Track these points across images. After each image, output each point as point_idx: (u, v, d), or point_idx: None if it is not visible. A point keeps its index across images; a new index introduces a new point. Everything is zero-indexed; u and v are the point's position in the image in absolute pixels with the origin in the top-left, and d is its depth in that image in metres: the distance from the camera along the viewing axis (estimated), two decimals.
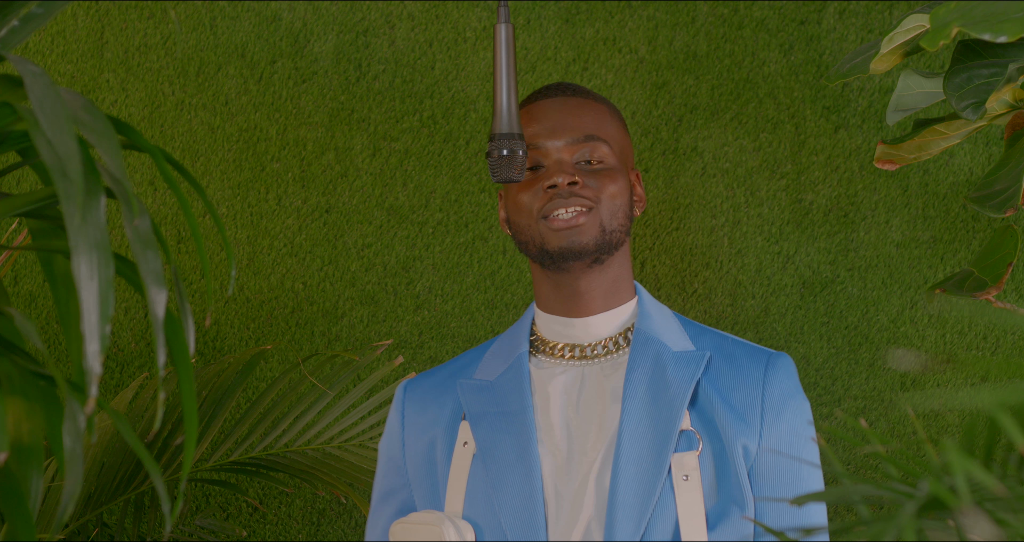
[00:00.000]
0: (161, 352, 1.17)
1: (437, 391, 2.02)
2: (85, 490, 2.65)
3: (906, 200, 2.99)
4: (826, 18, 3.03)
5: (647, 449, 1.86)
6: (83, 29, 3.10)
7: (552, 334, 1.99)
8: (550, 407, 1.94)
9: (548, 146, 1.95)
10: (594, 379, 1.94)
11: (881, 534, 0.98)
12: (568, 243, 1.92)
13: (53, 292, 1.32)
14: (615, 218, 1.94)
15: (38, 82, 1.16)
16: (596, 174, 1.95)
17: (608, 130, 1.99)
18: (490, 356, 2.02)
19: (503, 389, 1.96)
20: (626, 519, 1.83)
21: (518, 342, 2.00)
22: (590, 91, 2.03)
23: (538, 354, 1.99)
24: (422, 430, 2.01)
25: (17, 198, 1.31)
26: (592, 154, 1.96)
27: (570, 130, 1.96)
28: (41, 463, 1.26)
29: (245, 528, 3.02)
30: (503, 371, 1.98)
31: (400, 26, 3.08)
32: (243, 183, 3.08)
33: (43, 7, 1.36)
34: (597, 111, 2.00)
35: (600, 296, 1.97)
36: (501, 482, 1.89)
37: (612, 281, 1.98)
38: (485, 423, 1.94)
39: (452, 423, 1.98)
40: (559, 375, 1.96)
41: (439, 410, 2.00)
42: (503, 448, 1.92)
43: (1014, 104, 2.15)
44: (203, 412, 2.70)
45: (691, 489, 1.85)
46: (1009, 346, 2.97)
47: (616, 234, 1.95)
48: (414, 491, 1.99)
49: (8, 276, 3.07)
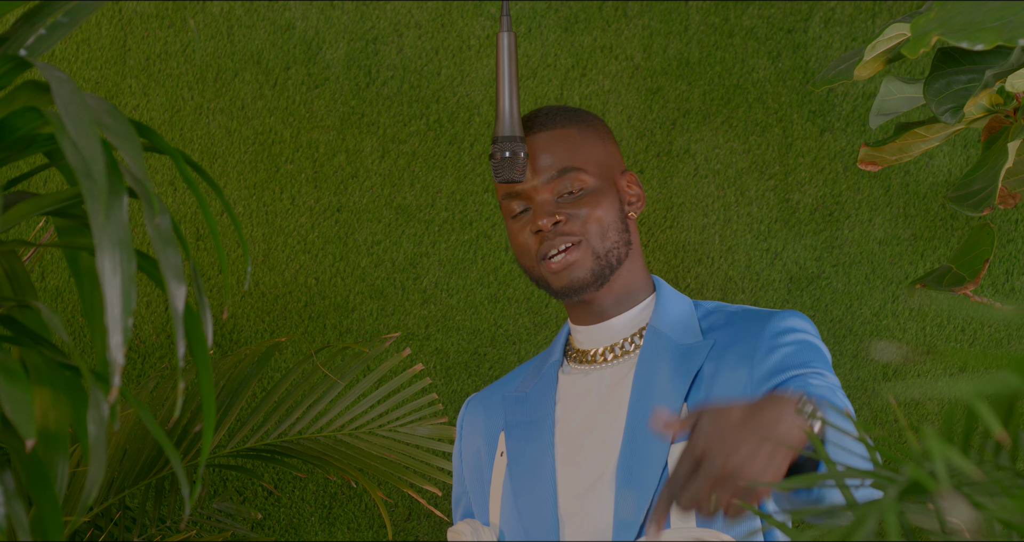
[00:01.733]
0: (181, 344, 1.17)
1: (488, 404, 2.04)
2: (108, 475, 2.65)
3: (888, 200, 2.99)
4: (812, 27, 3.03)
5: (648, 443, 1.86)
6: (107, 37, 3.10)
7: (580, 342, 1.99)
8: (569, 411, 1.94)
9: (528, 189, 1.94)
10: (612, 380, 1.94)
11: (865, 516, 0.98)
12: (568, 282, 1.91)
13: (78, 287, 1.32)
14: (606, 239, 1.92)
15: (64, 87, 1.16)
16: (579, 202, 1.92)
17: (582, 155, 1.95)
18: (532, 368, 2.04)
19: (534, 398, 1.97)
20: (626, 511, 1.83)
21: (553, 352, 2.01)
22: (558, 115, 1.98)
23: (571, 362, 1.99)
24: (472, 440, 2.03)
25: (44, 198, 1.31)
26: (572, 184, 1.93)
27: (544, 169, 1.93)
28: (67, 449, 1.26)
29: (260, 511, 3.02)
30: (536, 382, 1.99)
31: (408, 34, 3.08)
32: (258, 183, 3.08)
33: (69, 16, 1.36)
34: (567, 139, 1.96)
35: (612, 305, 1.96)
36: (522, 488, 1.90)
37: (623, 289, 1.96)
38: (516, 433, 1.96)
39: (494, 434, 2.00)
40: (582, 380, 1.96)
41: (487, 423, 2.02)
42: (526, 456, 1.92)
43: (991, 108, 2.15)
44: (220, 401, 2.71)
45: None
46: (986, 338, 2.97)
47: (613, 253, 1.93)
48: (471, 498, 2.02)
49: (35, 272, 3.07)
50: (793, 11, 3.03)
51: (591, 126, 1.99)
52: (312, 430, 2.78)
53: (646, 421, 1.86)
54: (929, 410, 2.99)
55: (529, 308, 3.05)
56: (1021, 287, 2.95)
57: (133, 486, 2.68)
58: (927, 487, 0.98)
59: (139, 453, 2.67)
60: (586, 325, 1.97)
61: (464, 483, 2.03)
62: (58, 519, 1.23)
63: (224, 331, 3.07)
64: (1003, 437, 0.97)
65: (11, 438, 1.25)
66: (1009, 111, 2.13)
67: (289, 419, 2.78)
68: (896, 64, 2.93)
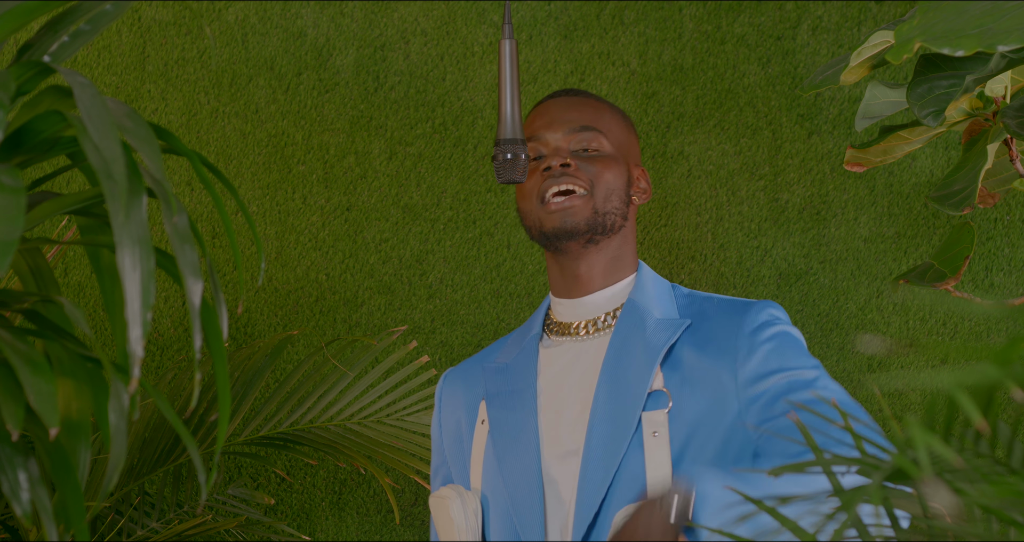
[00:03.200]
0: (197, 337, 1.17)
1: (467, 377, 2.02)
2: (128, 462, 2.65)
3: (873, 199, 2.99)
4: (800, 34, 3.03)
5: (618, 409, 1.84)
6: (127, 44, 3.10)
7: (561, 315, 1.98)
8: (550, 382, 1.93)
9: (547, 137, 1.95)
10: (589, 353, 1.93)
11: (851, 501, 0.98)
12: (561, 223, 1.90)
13: (100, 283, 1.32)
14: (608, 201, 1.92)
15: (86, 92, 1.16)
16: (592, 160, 1.93)
17: (605, 123, 1.97)
18: (511, 342, 2.02)
19: (515, 369, 1.96)
20: (594, 472, 1.82)
21: (534, 325, 2.00)
22: (594, 94, 2.02)
23: (552, 335, 1.98)
24: (452, 413, 2.01)
25: (67, 197, 1.31)
26: (589, 143, 1.94)
27: (567, 122, 1.95)
28: (88, 438, 1.26)
29: (273, 496, 3.02)
30: (517, 353, 1.98)
31: (414, 42, 3.08)
32: (272, 184, 3.08)
33: (90, 24, 1.36)
34: (596, 107, 1.98)
35: (599, 275, 1.95)
36: (506, 455, 1.89)
37: (610, 261, 1.95)
38: (498, 402, 1.94)
39: (474, 404, 1.98)
40: (563, 352, 1.95)
41: (467, 393, 2.00)
42: (509, 424, 1.91)
43: (971, 112, 2.15)
44: (235, 391, 2.71)
45: (659, 445, 1.82)
46: (966, 331, 2.97)
47: (610, 217, 1.92)
48: (451, 467, 1.99)
49: (59, 268, 3.07)
50: (782, 19, 3.03)
51: (621, 113, 2.02)
52: (323, 419, 2.78)
53: (616, 390, 1.85)
54: (912, 400, 2.99)
55: (530, 303, 3.05)
56: (1000, 283, 2.95)
57: (152, 473, 2.68)
58: (910, 474, 0.98)
59: (157, 441, 2.67)
60: (570, 298, 1.96)
61: (444, 453, 2.01)
62: (80, 504, 1.24)
63: (239, 325, 3.07)
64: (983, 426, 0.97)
65: (36, 427, 1.25)
66: (988, 115, 2.13)
67: (301, 408, 2.78)
68: (881, 70, 2.93)
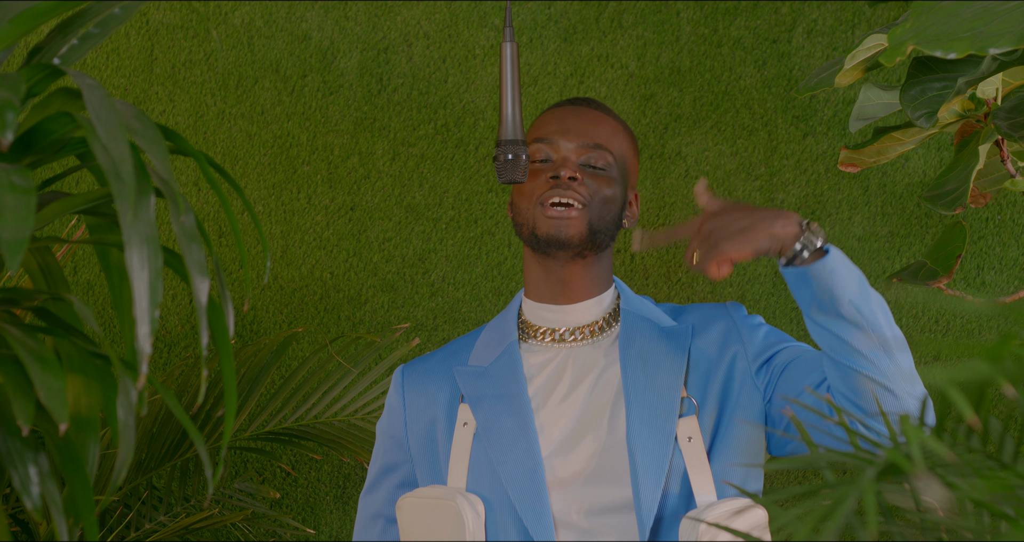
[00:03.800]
0: (204, 334, 1.17)
1: (433, 375, 1.98)
2: (136, 457, 2.65)
3: (867, 199, 2.99)
4: (796, 37, 3.03)
5: (653, 415, 1.84)
6: (135, 47, 3.10)
7: (539, 320, 1.96)
8: (544, 387, 1.92)
9: (560, 143, 1.94)
10: (582, 359, 1.93)
11: (845, 496, 0.98)
12: (556, 232, 1.90)
13: (108, 281, 1.32)
14: (603, 220, 1.92)
15: (95, 94, 1.16)
16: (596, 178, 1.93)
17: (617, 144, 1.96)
18: (481, 344, 1.99)
19: (498, 373, 1.94)
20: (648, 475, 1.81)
21: (508, 330, 1.97)
22: (611, 110, 2.00)
23: (528, 339, 1.97)
24: (421, 410, 1.97)
25: (76, 197, 1.31)
26: (597, 160, 1.94)
27: (583, 135, 1.94)
28: (97, 433, 1.26)
29: (278, 491, 3.02)
30: (496, 357, 1.95)
31: (417, 44, 3.08)
32: (277, 184, 3.08)
33: (99, 27, 1.36)
34: (612, 127, 1.97)
35: (583, 286, 1.95)
36: (505, 458, 1.87)
37: (594, 275, 1.96)
38: (485, 405, 1.91)
39: (451, 405, 1.94)
40: (551, 358, 1.94)
41: (437, 392, 1.96)
42: (504, 427, 1.89)
43: (963, 114, 2.15)
44: (241, 387, 2.71)
45: (696, 449, 1.84)
46: (958, 329, 2.97)
47: (600, 236, 1.92)
48: (416, 466, 1.96)
49: (68, 267, 3.07)
50: (778, 22, 3.03)
51: (631, 135, 2.02)
52: (327, 415, 2.78)
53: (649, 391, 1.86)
54: None
55: None
56: (991, 281, 2.95)
57: (159, 467, 2.68)
58: (903, 468, 0.98)
59: (165, 436, 2.67)
60: (556, 304, 1.96)
61: (407, 451, 1.97)
62: (89, 498, 1.24)
63: (245, 322, 3.07)
64: (974, 421, 0.97)
65: (45, 422, 1.25)
66: (980, 116, 2.13)
67: (305, 404, 2.78)
68: (874, 72, 2.93)
